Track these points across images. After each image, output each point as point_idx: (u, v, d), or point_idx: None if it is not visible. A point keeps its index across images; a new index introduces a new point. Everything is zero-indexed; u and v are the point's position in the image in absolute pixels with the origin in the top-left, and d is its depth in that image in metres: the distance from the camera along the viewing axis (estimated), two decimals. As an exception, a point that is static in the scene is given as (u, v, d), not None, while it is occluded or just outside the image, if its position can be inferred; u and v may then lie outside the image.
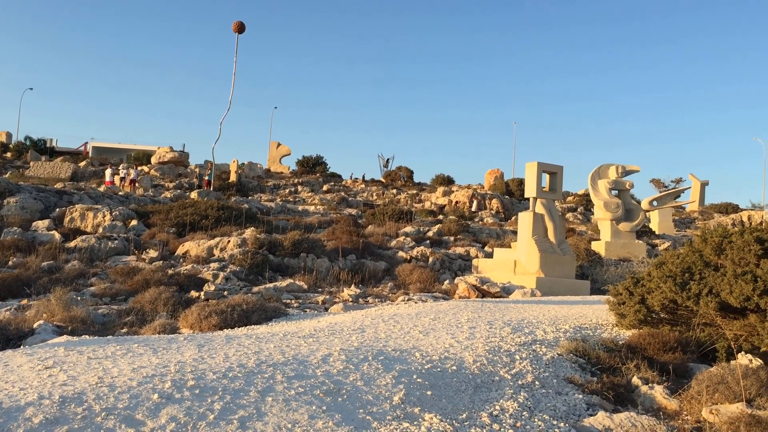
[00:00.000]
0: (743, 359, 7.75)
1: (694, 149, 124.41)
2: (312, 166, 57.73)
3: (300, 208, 34.85)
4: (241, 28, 35.23)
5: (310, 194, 43.52)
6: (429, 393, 5.83)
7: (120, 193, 31.34)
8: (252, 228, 21.46)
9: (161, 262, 17.35)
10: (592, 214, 32.44)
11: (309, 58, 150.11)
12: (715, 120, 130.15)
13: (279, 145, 60.45)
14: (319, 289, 15.64)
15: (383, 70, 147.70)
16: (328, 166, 58.98)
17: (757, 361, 7.74)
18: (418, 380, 6.10)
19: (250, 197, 37.85)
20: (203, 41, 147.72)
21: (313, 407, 5.12)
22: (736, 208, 46.49)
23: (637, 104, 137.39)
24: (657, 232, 33.12)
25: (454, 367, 6.71)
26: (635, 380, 7.09)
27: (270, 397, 5.25)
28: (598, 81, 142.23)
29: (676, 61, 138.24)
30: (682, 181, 56.63)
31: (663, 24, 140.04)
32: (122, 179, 36.94)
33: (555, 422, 5.56)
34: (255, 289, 14.39)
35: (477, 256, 21.72)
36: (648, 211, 33.38)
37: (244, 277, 16.10)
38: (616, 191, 26.07)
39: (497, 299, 14.76)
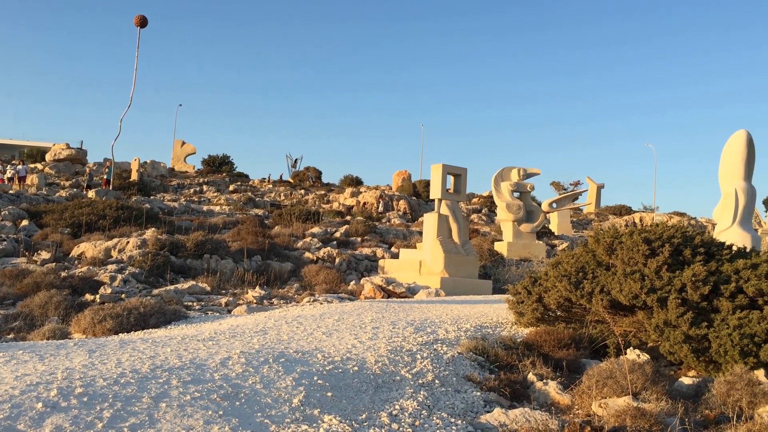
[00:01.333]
0: (632, 354, 8.13)
1: (591, 153, 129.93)
2: (218, 165, 56.54)
3: (205, 208, 34.06)
4: (143, 22, 34.08)
5: (215, 194, 42.61)
6: (329, 394, 5.80)
7: (10, 191, 29.67)
8: (153, 228, 20.79)
9: (54, 264, 16.54)
10: (496, 215, 33.30)
11: (217, 62, 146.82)
12: (611, 126, 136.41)
13: (183, 143, 58.91)
14: (223, 291, 15.33)
15: (292, 74, 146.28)
16: (234, 166, 57.95)
17: (644, 356, 8.14)
18: (319, 382, 6.06)
19: (152, 197, 36.68)
20: (104, 39, 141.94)
21: (209, 412, 5.00)
22: (629, 210, 48.80)
23: (539, 110, 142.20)
24: (556, 233, 34.34)
25: (356, 368, 6.71)
26: (531, 377, 7.31)
27: (164, 402, 5.09)
28: (501, 89, 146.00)
29: (573, 72, 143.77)
30: (580, 183, 58.98)
31: (563, 35, 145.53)
32: (10, 179, 34.94)
33: (453, 420, 5.65)
34: (155, 291, 13.94)
35: (383, 257, 21.86)
36: (548, 212, 34.59)
37: (144, 279, 15.57)
38: (518, 193, 26.84)
39: (402, 299, 14.91)
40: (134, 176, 40.75)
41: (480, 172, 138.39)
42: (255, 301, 13.94)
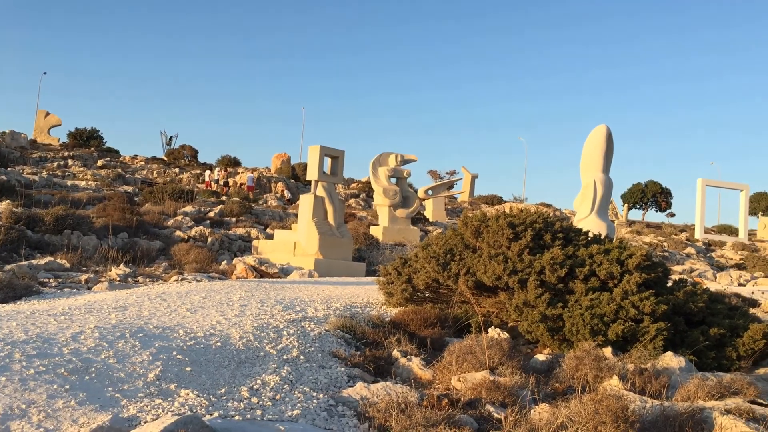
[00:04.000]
0: (493, 333, 8.44)
1: (468, 144, 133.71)
2: (86, 139, 53.45)
3: (69, 183, 32.18)
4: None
5: (82, 169, 40.34)
6: (188, 369, 5.63)
7: None
8: (8, 201, 19.41)
9: None
10: (373, 200, 33.61)
11: (88, 29, 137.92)
12: (487, 118, 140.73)
13: (48, 114, 55.28)
14: (84, 268, 14.54)
15: (171, 55, 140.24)
16: (104, 140, 55.03)
17: (504, 335, 8.47)
18: (178, 357, 5.87)
19: (9, 168, 34.20)
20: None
21: (55, 386, 4.71)
22: (500, 200, 50.82)
23: (420, 99, 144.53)
24: (431, 220, 35.17)
25: (219, 344, 6.56)
26: (395, 353, 7.43)
27: (4, 377, 4.74)
28: (383, 78, 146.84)
29: (452, 63, 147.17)
30: (456, 173, 60.71)
31: (443, 26, 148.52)
32: None
33: (315, 394, 5.64)
34: (7, 267, 13.01)
35: (258, 237, 21.56)
36: (423, 199, 35.34)
37: (-4, 254, 14.51)
38: (395, 179, 27.22)
39: (275, 279, 14.75)
40: (-10, 146, 37.84)
41: (360, 158, 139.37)
42: (118, 278, 13.33)
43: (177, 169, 46.47)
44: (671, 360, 7.65)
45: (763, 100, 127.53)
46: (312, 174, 19.00)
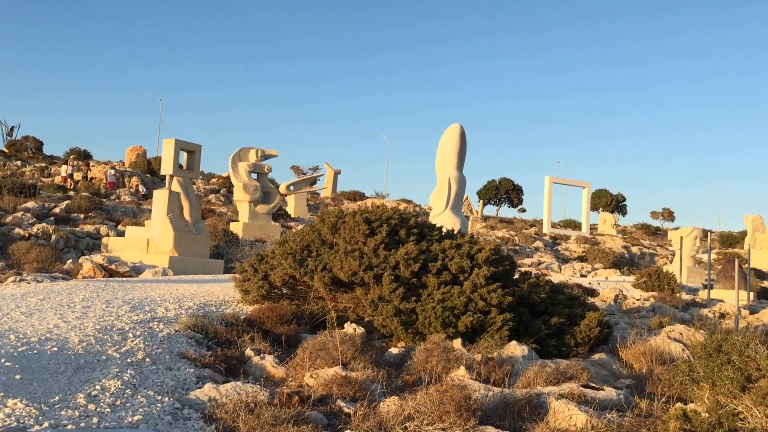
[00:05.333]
0: (348, 328, 8.51)
1: (331, 139, 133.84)
2: None
3: None
4: None
5: None
6: (18, 377, 5.23)
7: None
8: None
9: None
10: (233, 196, 32.90)
11: None
12: (349, 114, 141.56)
13: None
14: None
15: (10, 34, 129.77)
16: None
17: (360, 329, 8.56)
18: (7, 364, 5.44)
19: None
20: None
21: None
22: (362, 196, 51.37)
23: (284, 94, 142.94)
24: (293, 215, 34.94)
25: (55, 349, 6.15)
26: (248, 352, 7.31)
27: None
28: (241, 70, 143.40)
29: (308, 56, 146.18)
30: (319, 168, 60.71)
31: (298, 18, 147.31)
32: None
33: (160, 397, 5.42)
34: None
35: (108, 235, 20.49)
36: (285, 195, 35.09)
37: None
38: (256, 174, 26.78)
39: (125, 279, 14.10)
40: None
41: (222, 152, 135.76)
42: (-55, 280, 12.19)
43: (19, 162, 43.22)
44: (515, 349, 8.04)
45: (607, 100, 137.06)
46: (167, 169, 18.30)
